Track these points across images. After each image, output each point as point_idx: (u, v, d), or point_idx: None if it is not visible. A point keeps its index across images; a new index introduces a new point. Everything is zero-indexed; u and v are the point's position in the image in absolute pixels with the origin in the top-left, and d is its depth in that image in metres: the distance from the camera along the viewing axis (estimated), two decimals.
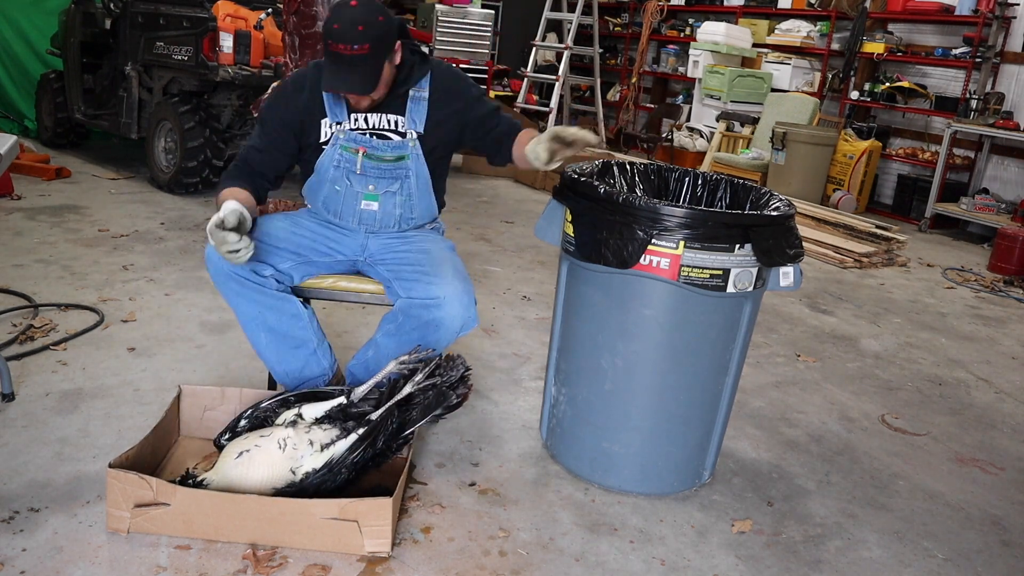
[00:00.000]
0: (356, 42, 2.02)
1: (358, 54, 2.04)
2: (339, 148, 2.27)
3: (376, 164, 2.28)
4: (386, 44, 2.09)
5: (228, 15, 4.97)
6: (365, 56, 2.05)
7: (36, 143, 6.29)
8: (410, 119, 2.28)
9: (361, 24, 2.02)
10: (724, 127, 7.58)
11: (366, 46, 2.03)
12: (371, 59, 2.07)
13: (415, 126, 2.28)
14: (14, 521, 1.89)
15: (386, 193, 2.32)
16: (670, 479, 2.28)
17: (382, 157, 2.28)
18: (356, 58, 2.05)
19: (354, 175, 2.29)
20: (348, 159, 2.28)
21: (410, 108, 2.27)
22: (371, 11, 2.06)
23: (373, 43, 2.04)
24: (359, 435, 1.98)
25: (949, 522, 2.32)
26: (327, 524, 1.84)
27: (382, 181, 2.31)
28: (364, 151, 2.26)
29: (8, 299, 3.22)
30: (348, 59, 2.05)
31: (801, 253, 2.12)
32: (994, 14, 6.41)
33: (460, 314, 2.17)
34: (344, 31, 2.02)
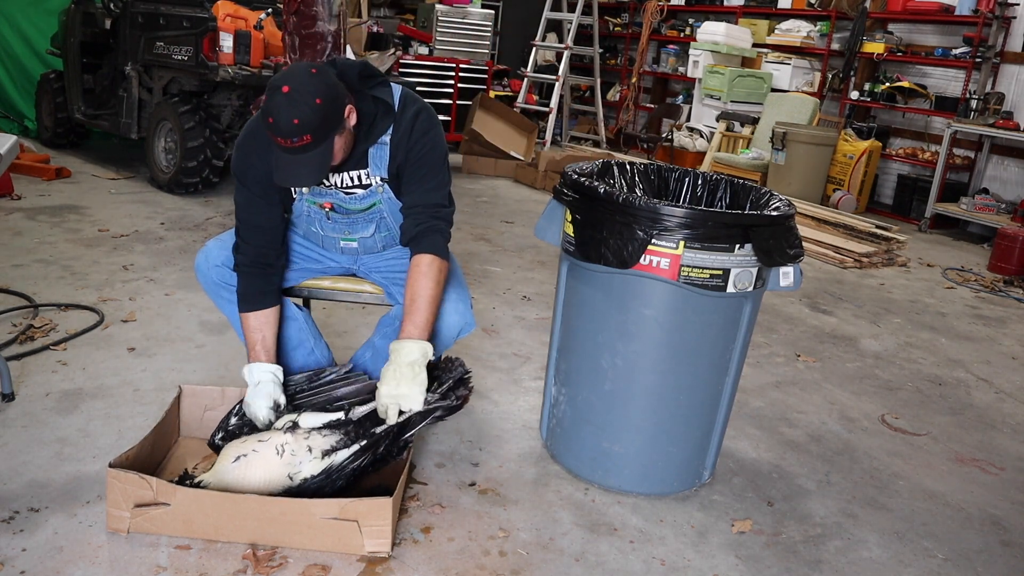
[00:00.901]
0: (294, 136, 1.84)
1: (299, 146, 1.86)
2: (305, 202, 2.19)
3: (346, 216, 2.20)
4: (330, 124, 1.88)
5: (228, 15, 4.97)
6: (308, 146, 1.87)
7: (36, 143, 6.29)
8: (374, 167, 2.12)
9: (296, 117, 1.82)
10: (724, 127, 7.58)
11: (306, 137, 1.85)
12: (315, 146, 1.88)
13: (379, 172, 2.12)
14: (14, 521, 1.89)
15: (362, 238, 2.27)
16: (670, 479, 2.28)
17: (351, 209, 2.19)
18: (299, 149, 1.87)
19: (327, 224, 2.23)
20: (316, 211, 2.20)
21: (372, 156, 2.11)
22: (306, 95, 1.83)
23: (314, 132, 1.85)
24: (361, 446, 1.97)
25: (949, 522, 2.32)
26: (327, 524, 1.84)
27: (356, 226, 2.23)
28: (330, 206, 2.18)
29: (8, 299, 3.22)
30: (292, 151, 1.88)
31: (801, 253, 2.12)
32: (994, 14, 6.41)
33: (456, 321, 2.16)
34: (280, 126, 1.83)
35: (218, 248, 2.22)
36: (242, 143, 2.12)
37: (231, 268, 2.17)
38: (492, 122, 7.30)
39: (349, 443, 1.97)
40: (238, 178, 2.13)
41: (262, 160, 2.05)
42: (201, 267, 2.21)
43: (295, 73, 1.88)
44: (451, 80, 8.07)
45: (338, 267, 2.37)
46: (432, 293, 2.03)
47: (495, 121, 7.34)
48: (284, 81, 1.85)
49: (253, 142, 2.08)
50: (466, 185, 6.58)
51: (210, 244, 2.25)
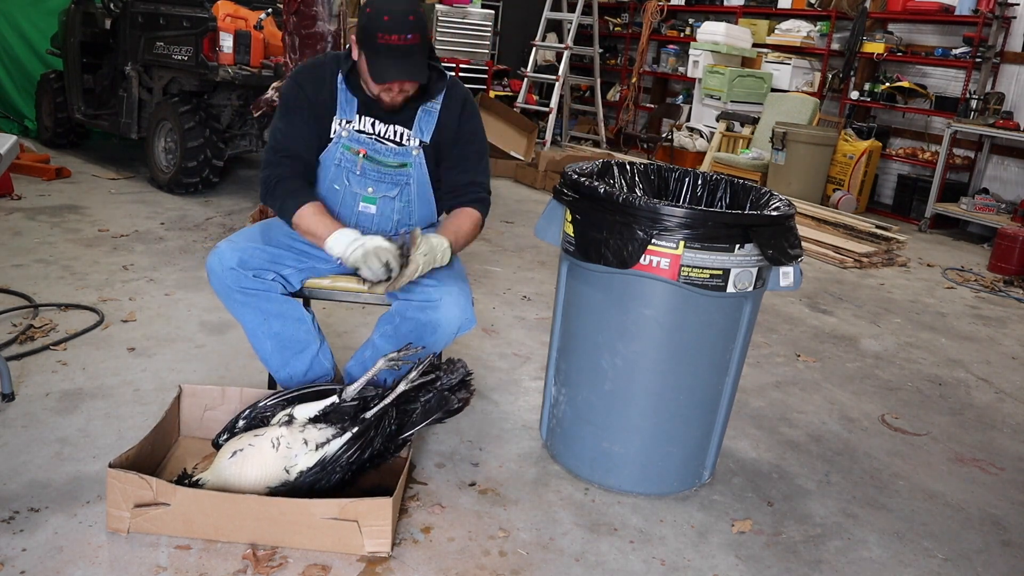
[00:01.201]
0: (409, 31, 2.00)
1: (412, 43, 2.02)
2: (341, 146, 2.25)
3: (376, 167, 2.26)
4: (427, 35, 2.08)
5: (228, 15, 4.97)
6: (417, 45, 2.03)
7: (36, 143, 6.29)
8: (417, 129, 2.24)
9: (411, 14, 2.01)
10: (724, 127, 7.58)
11: (417, 36, 2.02)
12: (422, 48, 2.06)
13: (422, 135, 2.25)
14: (14, 521, 1.89)
15: (384, 198, 2.30)
16: (670, 479, 2.28)
17: (383, 161, 2.26)
18: (410, 48, 2.02)
19: (354, 175, 2.27)
20: (349, 159, 2.25)
21: (419, 118, 2.24)
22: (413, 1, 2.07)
23: (422, 32, 2.04)
24: (352, 434, 1.98)
25: (949, 522, 2.32)
26: (327, 524, 1.84)
27: (382, 185, 2.28)
28: (364, 153, 2.24)
29: (8, 299, 3.22)
30: (402, 50, 2.02)
31: (801, 253, 2.12)
32: (994, 14, 6.41)
33: (457, 316, 2.16)
34: (396, 21, 1.99)
35: (231, 250, 2.19)
36: (298, 73, 2.27)
37: (245, 270, 2.16)
38: (492, 122, 7.30)
39: (341, 432, 1.99)
40: (284, 104, 2.25)
41: (316, 91, 2.21)
42: (215, 270, 2.17)
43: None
44: None
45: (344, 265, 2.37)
46: (467, 229, 2.23)
47: (495, 121, 7.34)
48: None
49: (312, 73, 2.24)
50: None
51: (222, 246, 2.22)
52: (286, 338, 2.24)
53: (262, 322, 2.20)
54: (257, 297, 2.17)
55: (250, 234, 2.27)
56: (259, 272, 2.17)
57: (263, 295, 2.18)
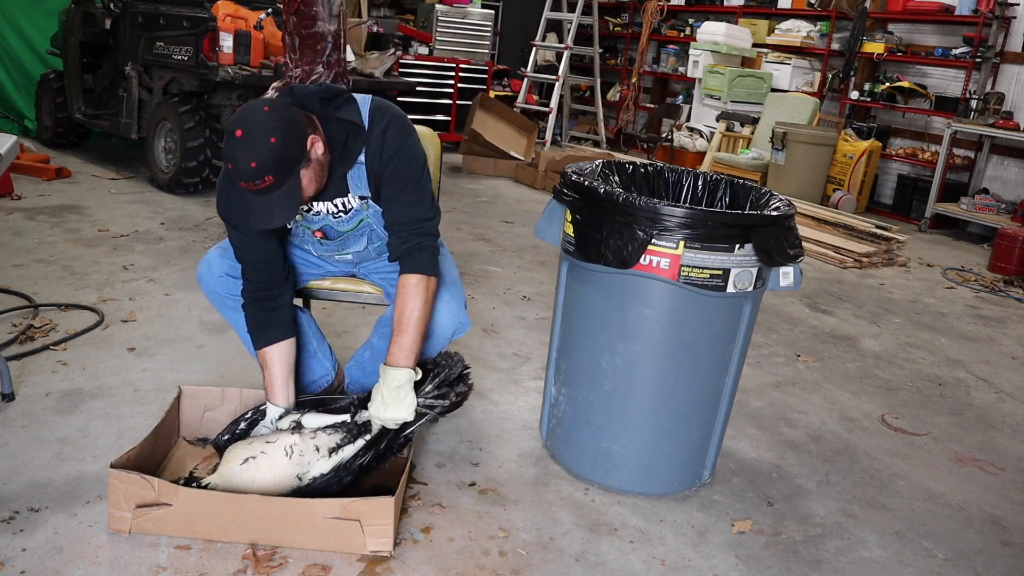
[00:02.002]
0: (255, 179, 1.81)
1: (263, 187, 1.84)
2: (300, 228, 2.21)
3: (338, 234, 2.21)
4: (290, 161, 1.85)
5: (228, 15, 4.97)
6: (272, 186, 1.84)
7: (36, 143, 6.29)
8: (354, 188, 2.10)
9: (253, 160, 1.79)
10: (724, 127, 7.58)
11: (268, 179, 1.82)
12: (279, 185, 1.85)
13: (360, 191, 2.10)
14: (14, 521, 1.89)
15: (355, 251, 2.28)
16: (670, 479, 2.28)
17: (341, 231, 2.20)
18: (265, 191, 1.85)
19: (319, 245, 2.26)
20: (310, 235, 2.22)
21: (351, 178, 2.08)
22: (260, 136, 1.80)
23: (275, 172, 1.82)
24: (367, 441, 1.98)
25: (949, 522, 2.32)
26: (329, 524, 1.84)
27: (348, 244, 2.25)
28: (322, 235, 2.20)
29: (8, 299, 3.22)
30: (259, 193, 1.86)
31: (801, 253, 2.12)
32: (994, 14, 6.41)
33: (450, 321, 2.15)
34: (239, 171, 1.81)
35: (219, 257, 2.20)
36: (221, 188, 2.11)
37: (234, 277, 2.16)
38: (492, 122, 7.30)
39: (353, 439, 1.99)
40: (226, 221, 2.12)
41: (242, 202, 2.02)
42: (204, 278, 2.20)
43: (248, 114, 1.84)
44: (451, 80, 8.08)
45: (338, 271, 2.38)
46: (419, 314, 2.01)
47: (495, 121, 7.34)
48: (237, 125, 1.82)
49: (231, 186, 2.04)
50: (466, 185, 6.58)
51: (211, 254, 2.22)
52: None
53: None
54: None
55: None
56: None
57: None
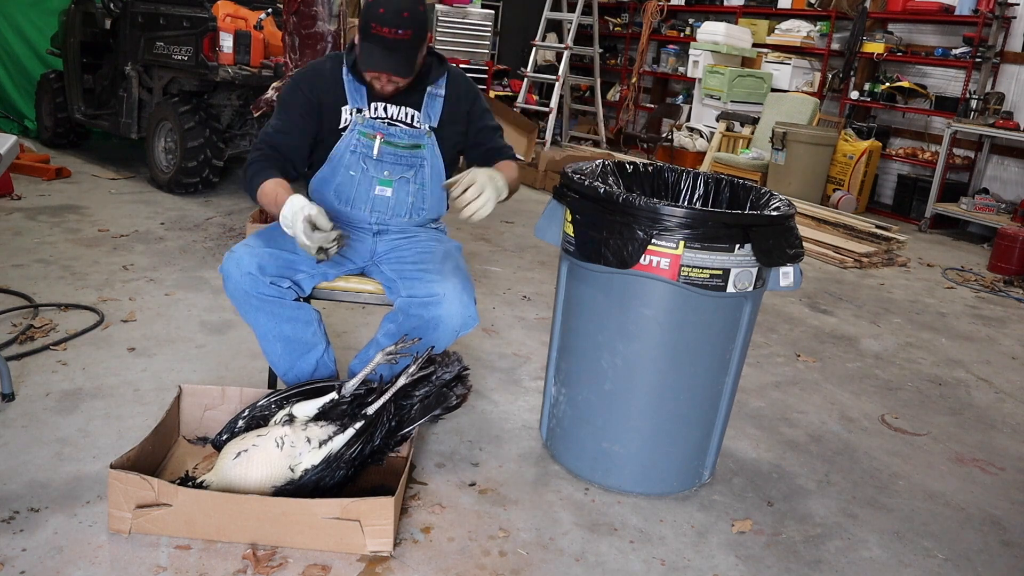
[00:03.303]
0: (401, 27, 2.06)
1: (401, 39, 2.08)
2: (357, 134, 2.30)
3: (393, 150, 2.31)
4: (424, 33, 2.13)
5: (228, 15, 4.96)
6: (407, 41, 2.09)
7: (36, 143, 6.29)
8: (426, 114, 2.32)
9: (406, 11, 2.07)
10: (724, 127, 7.57)
11: (409, 32, 2.08)
12: (412, 45, 2.11)
13: (430, 120, 2.33)
14: (14, 521, 1.89)
15: (400, 180, 2.34)
16: (670, 479, 2.28)
17: (399, 143, 2.31)
18: (399, 42, 2.09)
19: (370, 160, 2.31)
20: (365, 144, 2.30)
21: (426, 103, 2.32)
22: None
23: (415, 30, 2.09)
24: (356, 430, 1.99)
25: (949, 522, 2.32)
26: (329, 524, 1.84)
27: (397, 167, 2.33)
28: (382, 137, 2.30)
29: (8, 299, 3.22)
30: (391, 43, 2.09)
31: (801, 253, 2.12)
32: (994, 14, 6.41)
33: (459, 312, 2.16)
34: (389, 16, 2.06)
35: (248, 255, 2.17)
36: (297, 75, 2.34)
37: (260, 275, 2.15)
38: None
39: (343, 428, 1.99)
40: (281, 103, 2.31)
41: (314, 90, 2.27)
42: (232, 274, 2.16)
43: None
44: None
45: (354, 267, 2.38)
46: (514, 175, 2.34)
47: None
48: None
49: (311, 74, 2.31)
50: None
51: (239, 250, 2.20)
52: (295, 341, 2.24)
53: (274, 326, 2.21)
54: (271, 303, 2.18)
55: (265, 238, 2.25)
56: (276, 279, 2.18)
57: (277, 301, 2.19)
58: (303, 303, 2.26)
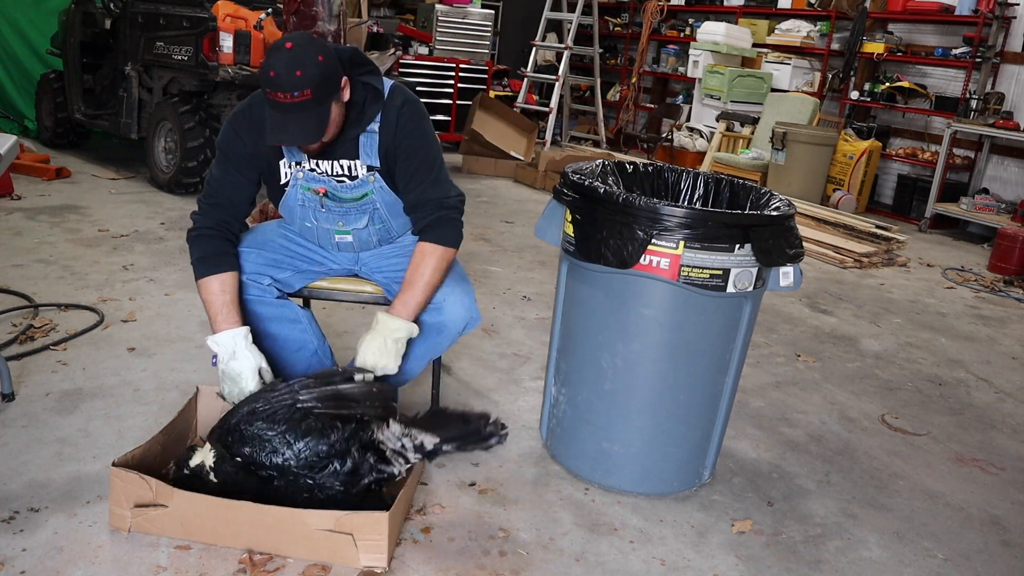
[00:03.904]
0: (296, 89, 1.83)
1: (299, 101, 1.85)
2: (300, 188, 2.17)
3: (340, 204, 2.19)
4: (330, 86, 1.90)
5: (228, 15, 4.97)
6: (307, 102, 1.86)
7: (36, 143, 6.29)
8: (364, 155, 2.11)
9: (299, 69, 1.83)
10: (724, 127, 7.58)
11: (307, 92, 1.84)
12: (314, 105, 1.88)
13: (369, 160, 2.12)
14: (14, 521, 1.89)
15: (356, 230, 2.25)
16: (670, 479, 2.28)
17: (344, 198, 2.18)
18: (298, 106, 1.86)
19: (320, 213, 2.21)
20: (311, 198, 2.18)
21: (361, 145, 2.10)
22: (309, 52, 1.86)
23: (316, 87, 1.85)
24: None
25: (949, 522, 2.32)
26: (322, 536, 1.80)
27: (349, 218, 2.22)
28: (324, 192, 2.15)
29: (8, 299, 3.22)
30: (290, 108, 1.87)
31: (801, 253, 2.12)
32: (994, 14, 6.41)
33: (462, 315, 2.16)
34: (281, 78, 1.83)
35: (245, 260, 2.18)
36: (232, 120, 2.13)
37: (240, 275, 2.14)
38: (492, 122, 7.30)
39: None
40: (221, 151, 2.14)
41: (250, 137, 2.07)
42: None
43: (297, 35, 1.93)
44: (451, 80, 8.08)
45: (340, 268, 2.37)
46: (430, 279, 2.05)
47: (495, 121, 7.34)
48: (287, 40, 1.89)
49: (244, 120, 2.09)
50: (466, 185, 6.57)
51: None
52: (282, 339, 2.24)
53: (256, 324, 2.19)
54: (251, 302, 2.17)
55: (245, 238, 2.25)
56: (253, 276, 2.17)
57: (256, 300, 2.17)
58: (286, 300, 2.24)
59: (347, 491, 1.90)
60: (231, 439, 1.90)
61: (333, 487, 1.89)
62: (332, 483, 1.89)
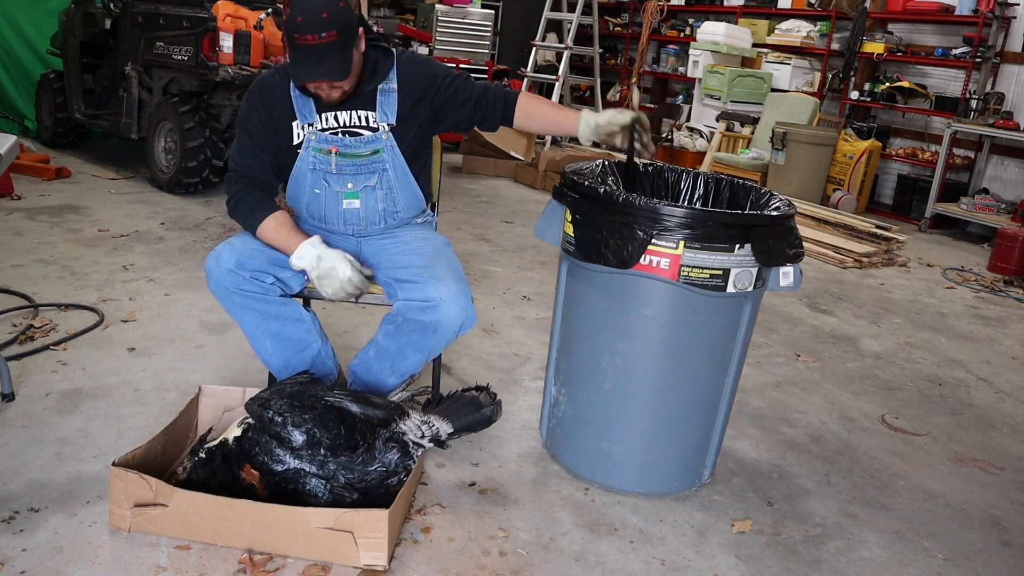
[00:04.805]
0: (323, 30, 1.98)
1: (327, 42, 2.00)
2: (311, 150, 2.24)
3: (351, 161, 2.25)
4: (352, 30, 2.06)
5: (228, 15, 4.97)
6: (334, 43, 2.01)
7: (36, 143, 6.29)
8: (381, 112, 2.24)
9: (325, 11, 1.98)
10: (724, 127, 7.57)
11: (333, 33, 1.99)
12: (340, 45, 2.03)
13: (387, 119, 2.25)
14: (14, 521, 1.89)
15: (365, 188, 2.29)
16: (670, 479, 2.28)
17: (356, 154, 2.25)
18: (326, 47, 2.01)
19: (331, 175, 2.26)
20: (322, 160, 2.25)
21: (380, 101, 2.24)
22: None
23: (340, 29, 2.01)
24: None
25: (949, 522, 2.32)
26: (322, 534, 1.80)
27: (359, 177, 2.28)
28: (336, 150, 2.24)
29: (8, 299, 3.22)
30: (318, 49, 2.01)
31: (801, 253, 2.12)
32: (994, 14, 6.41)
33: (458, 315, 2.16)
34: (309, 21, 1.98)
35: (228, 252, 2.19)
36: (250, 93, 2.27)
37: (242, 273, 2.15)
38: None
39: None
40: (239, 127, 2.27)
41: (268, 106, 2.22)
42: (213, 272, 2.18)
43: None
44: None
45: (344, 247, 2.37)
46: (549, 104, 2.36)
47: None
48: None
49: (261, 89, 2.25)
50: (466, 185, 6.58)
51: (219, 248, 2.22)
52: (285, 338, 2.24)
53: (260, 323, 2.20)
54: (255, 299, 2.17)
55: (249, 236, 2.26)
56: (257, 274, 2.17)
57: (260, 297, 2.18)
58: (289, 300, 2.25)
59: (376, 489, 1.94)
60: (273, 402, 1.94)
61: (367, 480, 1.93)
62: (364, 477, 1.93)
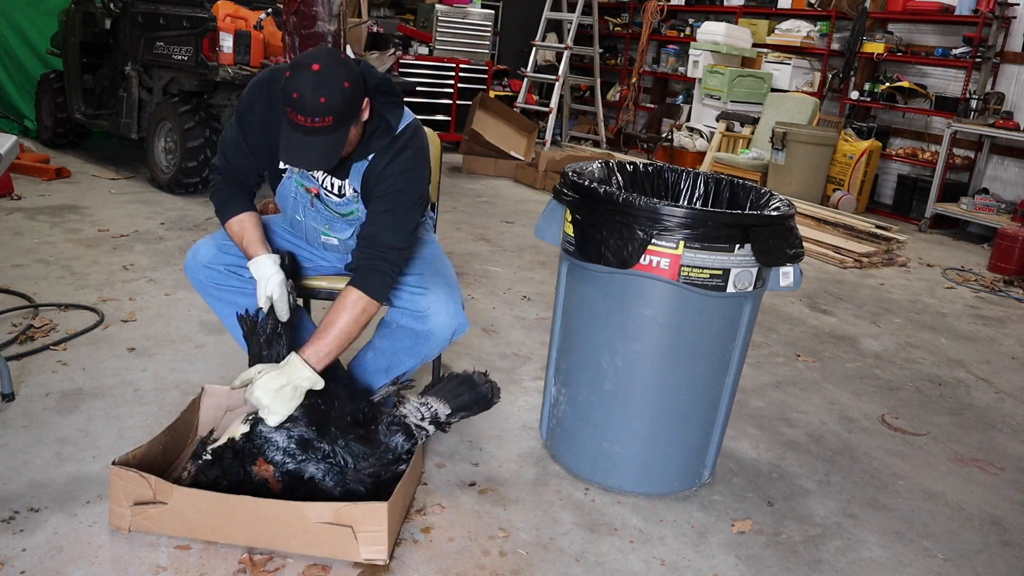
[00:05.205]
0: (318, 115, 1.79)
1: (320, 126, 1.81)
2: (295, 182, 2.17)
3: (327, 210, 2.19)
4: (351, 112, 1.86)
5: (228, 15, 4.97)
6: (327, 128, 1.82)
7: (36, 143, 6.29)
8: (352, 177, 2.10)
9: (324, 95, 1.78)
10: (724, 127, 7.58)
11: (329, 119, 1.80)
12: (334, 130, 1.84)
13: (355, 183, 2.11)
14: (14, 521, 1.89)
15: (340, 239, 2.26)
16: (670, 479, 2.28)
17: (332, 209, 2.18)
18: (319, 130, 1.82)
19: (309, 211, 2.22)
20: (302, 195, 2.19)
21: (354, 169, 2.09)
22: (336, 76, 1.80)
23: (337, 115, 1.81)
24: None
25: (949, 522, 2.32)
26: (321, 529, 1.80)
27: (336, 226, 2.23)
28: (316, 192, 2.16)
29: (8, 299, 3.22)
30: (308, 131, 1.83)
31: (801, 253, 2.12)
32: (994, 14, 6.41)
33: (448, 323, 2.15)
34: (305, 103, 1.78)
35: (206, 247, 2.21)
36: (255, 87, 2.08)
37: (216, 268, 2.16)
38: (492, 122, 7.30)
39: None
40: (239, 115, 2.10)
41: (266, 113, 2.04)
42: (189, 266, 2.21)
43: (324, 54, 1.85)
44: (451, 80, 8.08)
45: (329, 267, 2.37)
46: (347, 328, 1.97)
47: (495, 121, 7.34)
48: (314, 60, 1.81)
49: (262, 91, 2.06)
50: (466, 185, 6.58)
51: (198, 243, 2.24)
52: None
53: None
54: (231, 292, 2.18)
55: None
56: (234, 268, 2.17)
57: (239, 291, 2.18)
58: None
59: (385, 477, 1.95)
60: None
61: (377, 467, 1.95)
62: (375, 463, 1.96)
